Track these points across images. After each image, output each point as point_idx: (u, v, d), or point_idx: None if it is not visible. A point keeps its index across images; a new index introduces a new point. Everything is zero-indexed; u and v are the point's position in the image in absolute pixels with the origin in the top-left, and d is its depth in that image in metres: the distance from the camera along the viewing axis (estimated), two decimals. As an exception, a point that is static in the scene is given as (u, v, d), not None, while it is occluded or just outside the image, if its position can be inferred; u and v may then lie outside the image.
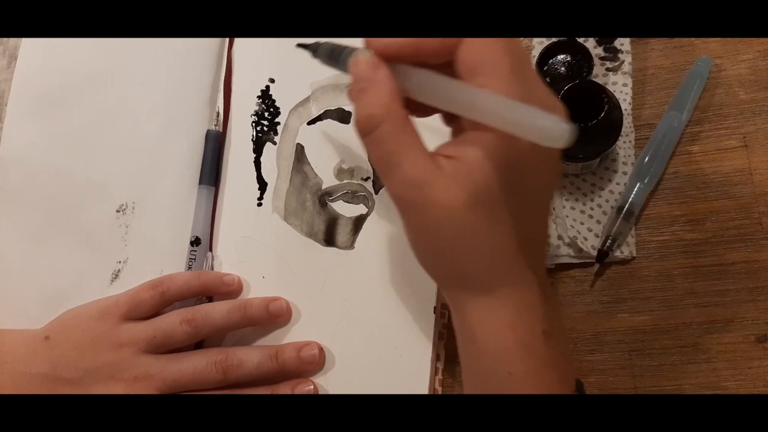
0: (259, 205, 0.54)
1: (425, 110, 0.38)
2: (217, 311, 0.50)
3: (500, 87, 0.33)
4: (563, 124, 0.30)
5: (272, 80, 0.56)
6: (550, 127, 0.30)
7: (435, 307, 0.49)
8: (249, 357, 0.49)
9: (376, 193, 0.53)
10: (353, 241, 0.52)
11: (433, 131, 0.38)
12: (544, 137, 0.30)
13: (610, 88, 0.51)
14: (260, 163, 0.55)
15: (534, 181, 0.35)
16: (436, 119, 0.40)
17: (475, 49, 0.34)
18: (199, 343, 0.51)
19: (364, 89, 0.35)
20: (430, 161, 0.34)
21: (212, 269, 0.54)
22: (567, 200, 0.51)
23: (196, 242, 0.53)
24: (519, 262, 0.36)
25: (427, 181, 0.33)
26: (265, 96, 0.56)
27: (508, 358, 0.36)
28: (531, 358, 0.36)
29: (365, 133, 0.35)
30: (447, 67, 0.35)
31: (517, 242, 0.35)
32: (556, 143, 0.30)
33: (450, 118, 0.39)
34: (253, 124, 0.56)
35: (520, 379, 0.36)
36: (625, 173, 0.50)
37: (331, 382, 0.50)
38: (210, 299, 0.52)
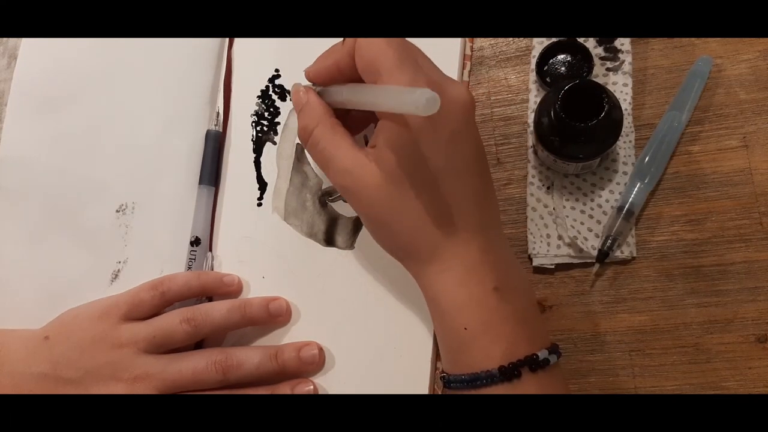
0: (259, 205, 0.54)
1: (356, 127, 0.46)
2: (216, 310, 0.50)
3: (388, 78, 0.38)
4: (425, 94, 0.33)
5: (277, 71, 0.57)
6: (414, 98, 0.33)
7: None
8: (249, 357, 0.49)
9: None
10: (353, 241, 0.52)
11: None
12: (414, 108, 0.34)
13: (611, 88, 0.51)
14: (260, 163, 0.55)
15: (444, 154, 0.39)
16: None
17: (363, 52, 0.40)
18: (199, 343, 0.52)
19: (301, 110, 0.43)
20: (358, 152, 0.40)
21: (212, 269, 0.54)
22: (567, 200, 0.51)
23: (196, 242, 0.53)
24: (454, 227, 0.40)
25: (355, 167, 0.40)
26: (265, 96, 0.56)
27: (462, 313, 0.40)
28: (484, 312, 0.39)
29: (305, 140, 0.43)
30: None
31: (446, 209, 0.40)
32: (424, 111, 0.33)
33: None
34: (253, 124, 0.56)
35: (475, 333, 0.39)
36: (625, 173, 0.50)
37: (330, 382, 0.50)
38: (210, 299, 0.52)
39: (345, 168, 0.40)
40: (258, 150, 0.56)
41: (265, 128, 0.56)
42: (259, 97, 0.56)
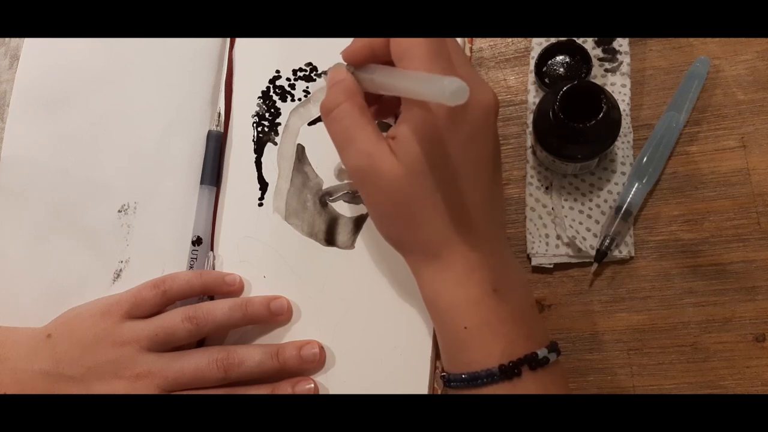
0: (260, 205, 0.55)
1: (383, 112, 0.47)
2: (218, 309, 0.50)
3: (420, 67, 0.38)
4: (454, 83, 0.33)
5: (278, 71, 0.57)
6: (443, 86, 0.33)
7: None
8: (250, 355, 0.49)
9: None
10: (353, 241, 0.53)
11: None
12: (441, 96, 0.33)
13: (609, 88, 0.51)
14: (261, 163, 0.56)
15: (462, 153, 0.39)
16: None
17: (399, 41, 0.40)
18: (200, 341, 0.52)
19: (333, 85, 0.42)
20: (381, 139, 0.40)
21: (213, 269, 0.54)
22: (566, 200, 0.51)
23: (197, 242, 0.54)
24: (461, 227, 0.40)
25: (375, 152, 0.39)
26: (266, 97, 0.57)
27: (461, 313, 0.40)
28: (483, 312, 0.39)
29: (328, 111, 0.42)
30: None
31: (456, 208, 0.40)
32: (452, 100, 0.33)
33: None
34: (254, 125, 0.56)
35: (474, 332, 0.40)
36: (623, 173, 0.51)
37: (331, 381, 0.50)
38: (211, 299, 0.53)
39: (365, 150, 0.40)
40: (259, 150, 0.56)
41: (266, 129, 0.56)
42: (260, 97, 0.57)
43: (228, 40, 0.58)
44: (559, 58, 0.52)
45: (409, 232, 0.41)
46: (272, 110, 0.56)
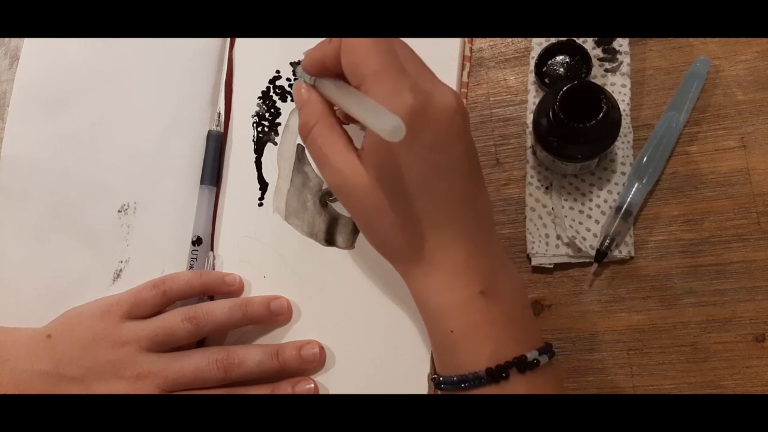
0: (260, 205, 0.55)
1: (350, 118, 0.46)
2: (218, 309, 0.50)
3: (369, 85, 0.38)
4: (392, 121, 0.34)
5: (278, 71, 0.57)
6: (381, 122, 0.34)
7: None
8: (250, 355, 0.49)
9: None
10: (353, 241, 0.53)
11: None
12: (380, 130, 0.34)
13: (609, 88, 0.51)
14: (261, 163, 0.56)
15: (429, 158, 0.39)
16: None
17: (348, 54, 0.40)
18: (200, 342, 0.52)
19: (302, 106, 0.44)
20: (351, 153, 0.41)
21: (213, 269, 0.54)
22: (566, 200, 0.51)
23: (197, 242, 0.54)
24: (440, 230, 0.40)
25: (346, 167, 0.41)
26: (266, 97, 0.57)
27: (448, 317, 0.40)
28: (469, 315, 0.39)
29: (304, 136, 0.43)
30: None
31: (431, 213, 0.40)
32: (389, 137, 0.34)
33: None
34: (254, 125, 0.56)
35: (462, 335, 0.40)
36: (623, 173, 0.51)
37: (331, 381, 0.50)
38: (211, 299, 0.53)
39: (336, 166, 0.41)
40: (259, 150, 0.56)
41: (266, 129, 0.56)
42: (260, 97, 0.57)
43: (228, 40, 0.58)
44: (559, 58, 0.52)
45: (388, 239, 0.42)
46: (272, 110, 0.56)
